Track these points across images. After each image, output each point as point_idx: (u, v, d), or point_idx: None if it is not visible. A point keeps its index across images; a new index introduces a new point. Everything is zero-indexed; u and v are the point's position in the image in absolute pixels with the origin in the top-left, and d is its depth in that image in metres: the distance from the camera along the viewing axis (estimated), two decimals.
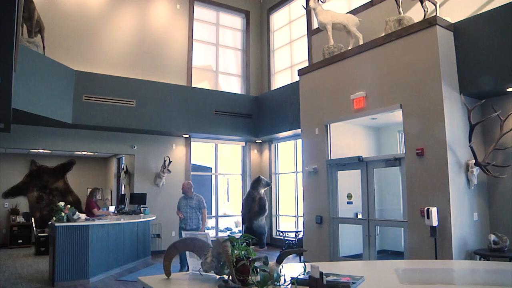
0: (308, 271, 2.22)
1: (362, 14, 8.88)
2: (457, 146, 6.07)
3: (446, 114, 6.00)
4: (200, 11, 12.11)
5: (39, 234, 10.35)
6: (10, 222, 11.85)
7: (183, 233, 3.20)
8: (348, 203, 7.98)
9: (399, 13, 7.23)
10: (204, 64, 12.37)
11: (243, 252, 2.17)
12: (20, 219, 11.97)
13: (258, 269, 2.18)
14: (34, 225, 12.01)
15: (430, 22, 6.34)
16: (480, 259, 5.89)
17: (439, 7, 7.03)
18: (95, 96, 9.25)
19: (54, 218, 7.31)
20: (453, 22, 6.50)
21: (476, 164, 6.03)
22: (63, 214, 7.24)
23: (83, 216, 7.97)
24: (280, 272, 2.20)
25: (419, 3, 7.34)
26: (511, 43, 5.78)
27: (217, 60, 12.41)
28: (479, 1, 6.94)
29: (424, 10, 7.17)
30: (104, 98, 9.36)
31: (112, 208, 10.57)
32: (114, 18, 10.55)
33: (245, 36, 12.86)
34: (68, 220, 7.21)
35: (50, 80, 8.23)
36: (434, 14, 6.81)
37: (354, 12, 9.14)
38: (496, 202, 6.36)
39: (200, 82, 11.95)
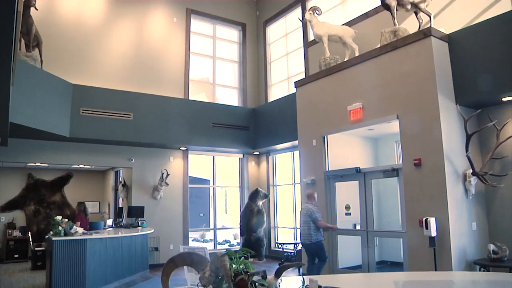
0: (307, 285, 2.20)
1: (358, 26, 8.96)
2: (454, 156, 6.08)
3: (443, 124, 6.03)
4: (197, 24, 12.18)
5: (36, 248, 10.26)
6: (7, 236, 11.76)
7: None
8: (346, 214, 7.96)
9: (394, 24, 7.29)
10: (201, 77, 12.41)
11: (241, 266, 2.16)
12: (16, 233, 11.89)
13: (257, 284, 2.16)
14: (30, 239, 11.92)
15: (424, 33, 6.40)
16: (480, 269, 5.87)
17: (433, 18, 7.10)
18: (92, 109, 9.26)
19: (51, 232, 7.26)
20: (447, 33, 6.57)
21: (474, 173, 6.04)
22: (60, 228, 7.20)
23: (80, 229, 7.93)
24: (279, 286, 2.18)
25: (413, 14, 7.42)
26: (505, 53, 5.83)
27: (214, 73, 12.46)
28: (472, 13, 7.01)
29: (419, 22, 7.25)
30: (101, 111, 9.37)
31: (109, 222, 10.52)
32: (112, 31, 10.61)
33: (242, 48, 12.92)
34: (65, 234, 7.17)
35: (47, 94, 8.23)
36: (428, 25, 6.87)
37: (349, 24, 9.21)
38: (494, 211, 6.36)
39: (197, 94, 11.98)
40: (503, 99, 6.12)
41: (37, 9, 8.01)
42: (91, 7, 10.41)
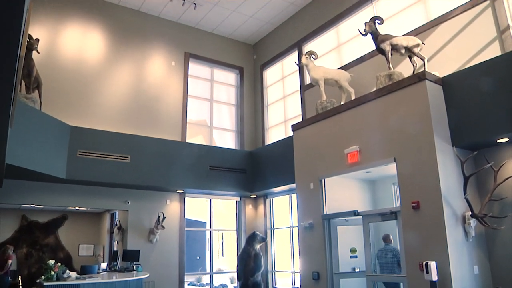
0: None
1: (353, 70, 9.15)
2: (452, 198, 6.05)
3: (440, 166, 6.03)
4: (195, 68, 12.40)
5: None
6: None
7: None
8: (352, 257, 7.85)
9: (389, 68, 7.44)
10: (199, 119, 12.51)
11: None
12: None
13: None
14: (20, 284, 11.56)
15: (419, 76, 6.53)
16: None
17: (427, 62, 7.27)
18: (89, 151, 9.24)
19: (42, 277, 7.08)
20: (441, 76, 6.70)
21: (473, 215, 5.98)
22: (52, 272, 7.02)
23: (73, 274, 7.73)
24: None
25: (407, 58, 7.59)
26: (498, 95, 5.93)
27: (211, 115, 12.57)
28: (464, 56, 7.20)
29: (413, 65, 7.41)
30: (98, 154, 9.35)
31: (104, 265, 10.29)
32: (111, 74, 10.77)
33: (239, 91, 13.11)
34: (57, 279, 6.99)
35: (45, 136, 8.25)
36: (422, 69, 7.02)
37: (345, 67, 9.41)
38: (496, 254, 6.25)
39: (194, 136, 12.02)
40: (498, 141, 6.17)
41: (38, 52, 8.18)
42: (91, 50, 10.63)
